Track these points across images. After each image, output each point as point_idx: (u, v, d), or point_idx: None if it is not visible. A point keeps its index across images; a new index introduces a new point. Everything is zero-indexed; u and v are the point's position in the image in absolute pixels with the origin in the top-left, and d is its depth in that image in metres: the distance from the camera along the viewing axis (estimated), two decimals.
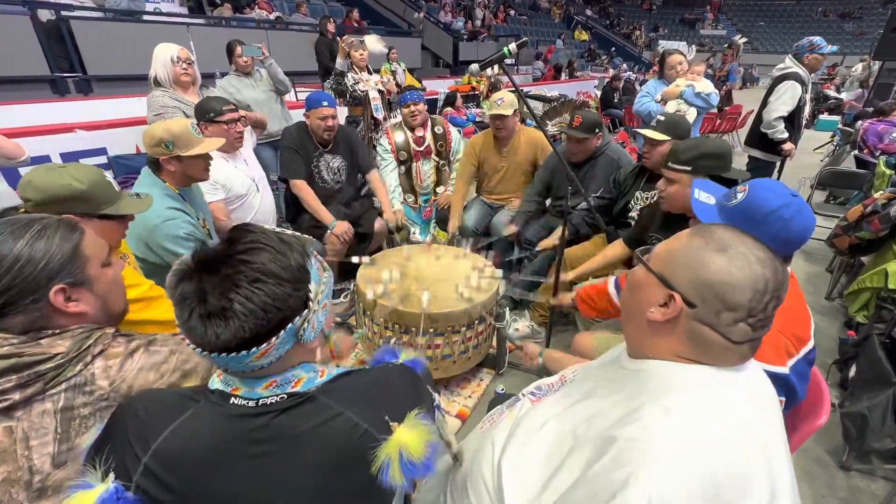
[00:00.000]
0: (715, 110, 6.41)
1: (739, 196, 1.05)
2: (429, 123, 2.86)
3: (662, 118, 1.95)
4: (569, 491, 0.59)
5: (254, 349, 0.55)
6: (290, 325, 0.58)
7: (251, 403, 0.59)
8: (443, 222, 2.87)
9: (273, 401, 0.60)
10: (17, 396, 0.69)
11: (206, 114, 2.00)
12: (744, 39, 13.40)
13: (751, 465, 0.56)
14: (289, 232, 0.64)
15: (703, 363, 0.65)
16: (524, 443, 0.74)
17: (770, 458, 0.58)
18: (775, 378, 0.79)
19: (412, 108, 2.75)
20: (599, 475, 0.57)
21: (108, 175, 1.17)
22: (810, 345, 0.99)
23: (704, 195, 1.16)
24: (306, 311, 0.59)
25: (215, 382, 0.63)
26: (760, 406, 0.63)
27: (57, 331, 0.76)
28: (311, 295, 0.60)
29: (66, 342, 0.75)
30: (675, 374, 0.64)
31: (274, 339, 0.57)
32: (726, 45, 11.29)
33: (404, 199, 2.89)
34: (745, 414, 0.60)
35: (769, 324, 0.63)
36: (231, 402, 0.60)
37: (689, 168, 1.52)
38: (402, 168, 2.87)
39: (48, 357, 0.72)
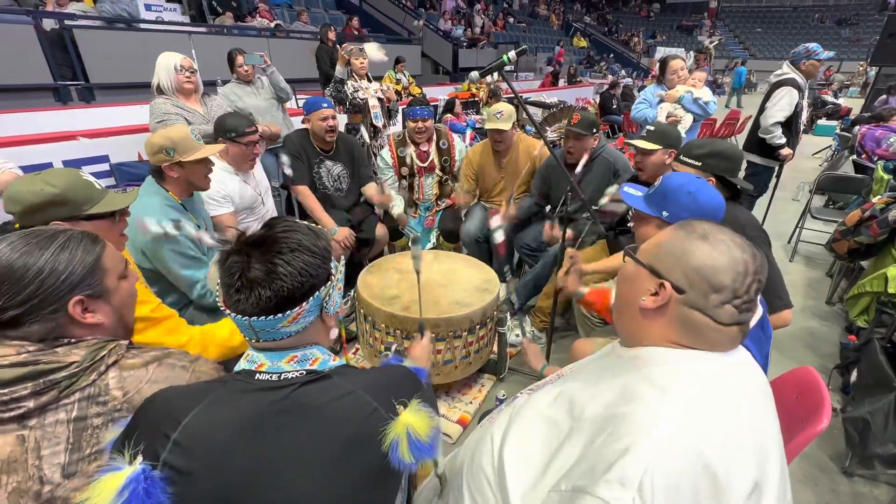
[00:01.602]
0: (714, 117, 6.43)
1: (657, 183, 1.29)
2: (434, 137, 2.79)
3: (652, 128, 1.97)
4: (571, 469, 0.62)
5: (288, 312, 0.65)
6: (317, 292, 0.68)
7: (274, 377, 0.67)
8: (446, 234, 2.85)
9: (294, 375, 0.67)
10: (31, 404, 0.69)
11: (228, 132, 1.98)
12: (715, 42, 12.89)
13: (742, 449, 0.59)
14: (313, 224, 0.74)
15: (695, 348, 0.68)
16: (522, 428, 0.76)
17: (762, 443, 0.61)
18: None
19: (419, 124, 2.66)
20: (599, 449, 0.60)
21: (87, 175, 1.11)
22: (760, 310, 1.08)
23: (633, 190, 1.38)
24: (329, 282, 0.71)
25: (241, 364, 0.70)
26: (753, 391, 0.67)
27: (73, 340, 0.77)
28: (333, 271, 0.72)
29: (81, 351, 0.75)
30: (669, 357, 0.68)
31: (304, 303, 0.67)
32: (698, 51, 10.89)
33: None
34: (738, 399, 0.63)
35: (754, 307, 0.68)
36: (256, 377, 0.67)
37: (698, 164, 1.54)
38: (404, 182, 2.84)
39: (63, 366, 0.72)
